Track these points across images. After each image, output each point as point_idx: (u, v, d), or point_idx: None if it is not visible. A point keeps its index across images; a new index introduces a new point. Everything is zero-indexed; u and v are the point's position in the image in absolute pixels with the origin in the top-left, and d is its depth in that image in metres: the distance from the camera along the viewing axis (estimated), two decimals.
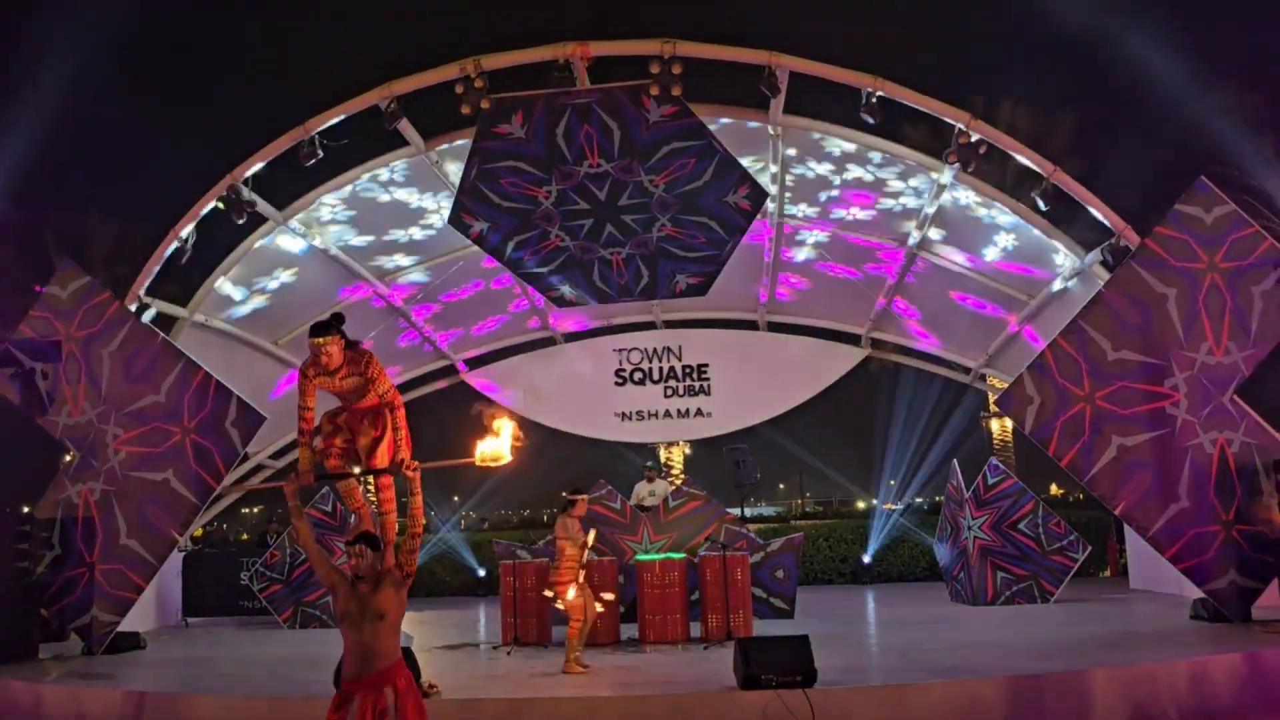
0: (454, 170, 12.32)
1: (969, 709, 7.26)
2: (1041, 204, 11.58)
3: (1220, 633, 9.37)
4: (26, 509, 11.68)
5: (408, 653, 7.86)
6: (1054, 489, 39.93)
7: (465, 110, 10.86)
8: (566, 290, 13.84)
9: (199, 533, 18.90)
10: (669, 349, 17.70)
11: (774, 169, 12.28)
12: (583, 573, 8.91)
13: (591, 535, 9.01)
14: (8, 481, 11.47)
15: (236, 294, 14.06)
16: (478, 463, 5.18)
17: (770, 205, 13.09)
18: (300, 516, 5.26)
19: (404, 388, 18.30)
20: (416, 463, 5.66)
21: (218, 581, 14.90)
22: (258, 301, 14.44)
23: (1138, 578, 14.26)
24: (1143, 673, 7.65)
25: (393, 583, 4.72)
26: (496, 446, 5.14)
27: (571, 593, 8.72)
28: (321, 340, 6.95)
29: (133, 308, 12.38)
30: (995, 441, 24.15)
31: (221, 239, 13.24)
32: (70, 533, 11.46)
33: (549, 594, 8.91)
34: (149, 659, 10.89)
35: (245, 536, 29.78)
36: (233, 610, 14.71)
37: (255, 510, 45.11)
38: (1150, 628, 10.22)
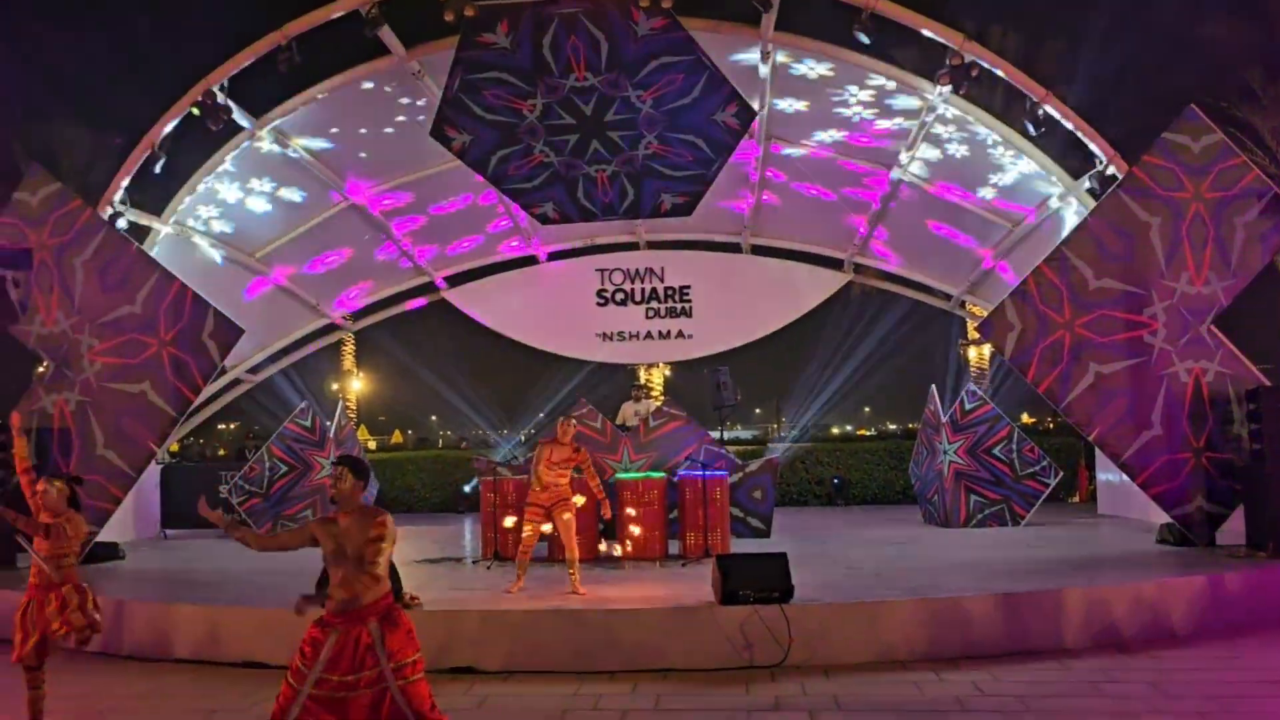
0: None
1: (940, 626, 7.43)
2: (1031, 129, 11.47)
3: (1186, 557, 9.61)
4: None
5: (390, 568, 7.93)
6: (1025, 418, 40.47)
7: (448, 17, 10.56)
8: (549, 208, 13.65)
9: (175, 447, 18.83)
10: (651, 270, 17.60)
11: (764, 70, 11.93)
12: None
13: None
14: None
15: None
16: None
17: (758, 125, 12.91)
18: (236, 528, 4.98)
19: (382, 304, 18.21)
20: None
21: (196, 494, 14.90)
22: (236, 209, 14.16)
23: (1106, 503, 14.54)
24: (1110, 593, 7.84)
25: (375, 535, 4.56)
26: None
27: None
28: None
29: (105, 216, 12.11)
30: (972, 368, 24.42)
31: (197, 147, 12.92)
32: (47, 443, 11.39)
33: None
34: (127, 569, 10.94)
35: (223, 452, 29.78)
36: (211, 523, 14.76)
37: (233, 426, 45.08)
38: (1118, 551, 10.45)
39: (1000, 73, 11.24)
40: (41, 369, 12.07)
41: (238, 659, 7.73)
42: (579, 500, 9.03)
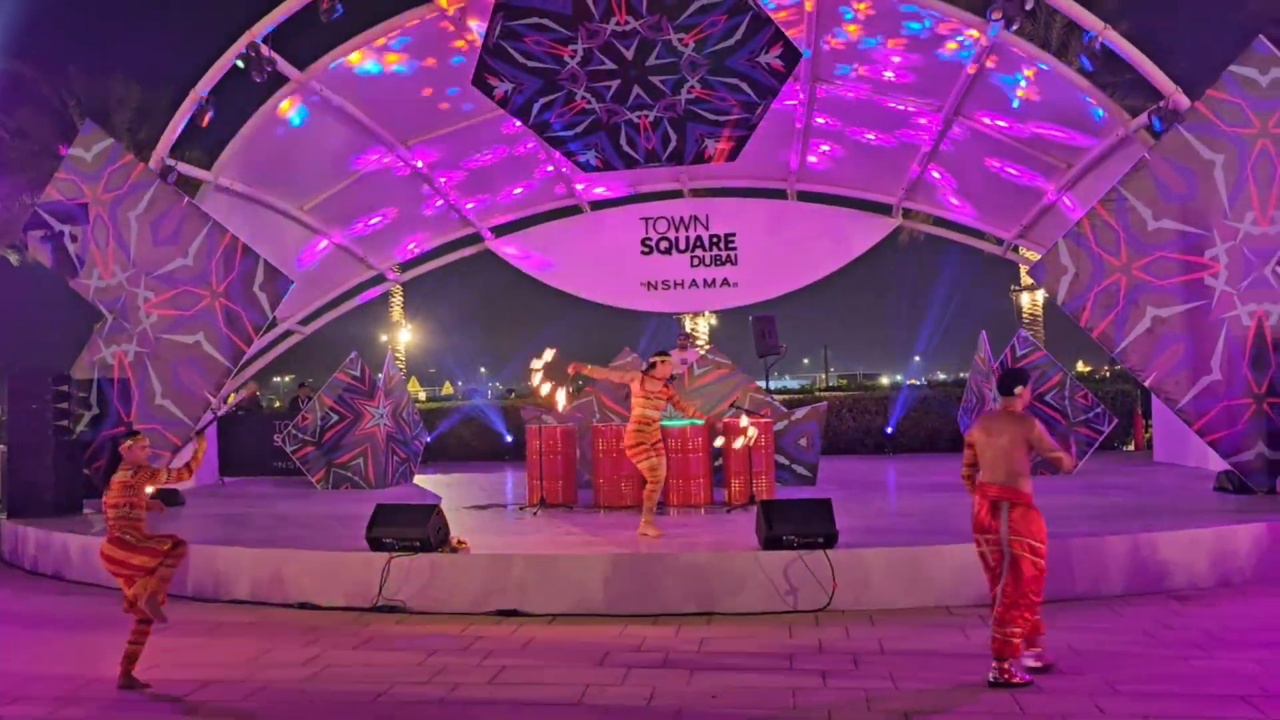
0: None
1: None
2: (1088, 64, 11.08)
3: (1244, 504, 9.40)
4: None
5: (437, 511, 8.04)
6: (1081, 366, 39.82)
7: None
8: (592, 155, 13.56)
9: (231, 398, 19.20)
10: (696, 218, 17.45)
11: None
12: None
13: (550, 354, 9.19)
14: (44, 343, 11.65)
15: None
16: None
17: (804, 67, 12.65)
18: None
19: (430, 255, 18.33)
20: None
21: (252, 443, 15.32)
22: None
23: (1163, 451, 14.27)
24: (1164, 540, 7.71)
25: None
26: None
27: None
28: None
29: (157, 170, 12.27)
30: (1024, 315, 23.99)
31: (243, 100, 13.01)
32: (107, 393, 11.70)
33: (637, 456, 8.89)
34: (188, 514, 11.25)
35: (278, 404, 30.35)
36: (266, 470, 15.15)
37: (286, 379, 45.98)
38: (1174, 498, 10.26)
39: (1057, 5, 10.85)
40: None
41: (293, 600, 7.93)
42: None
